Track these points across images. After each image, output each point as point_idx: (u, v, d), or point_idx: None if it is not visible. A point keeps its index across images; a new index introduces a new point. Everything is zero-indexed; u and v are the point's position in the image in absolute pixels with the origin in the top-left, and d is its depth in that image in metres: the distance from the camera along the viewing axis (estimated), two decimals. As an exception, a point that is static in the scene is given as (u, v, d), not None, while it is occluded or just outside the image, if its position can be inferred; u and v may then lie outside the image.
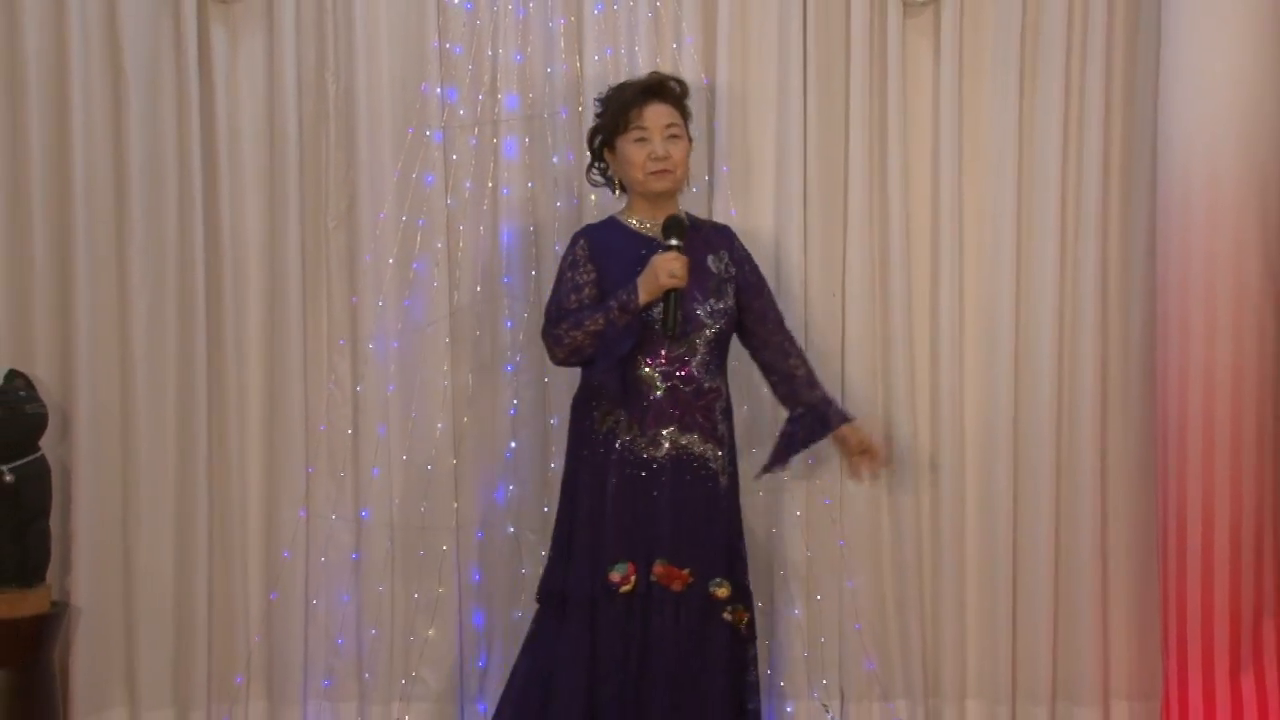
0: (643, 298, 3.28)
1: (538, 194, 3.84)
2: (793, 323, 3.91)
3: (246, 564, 3.93)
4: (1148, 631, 3.83)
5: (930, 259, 3.92)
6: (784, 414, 3.73)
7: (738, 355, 3.70)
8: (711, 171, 3.86)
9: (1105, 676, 3.91)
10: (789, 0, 3.84)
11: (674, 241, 3.30)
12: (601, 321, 3.34)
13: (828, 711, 3.94)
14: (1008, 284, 3.90)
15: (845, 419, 3.56)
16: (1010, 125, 3.87)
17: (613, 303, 3.35)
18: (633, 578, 3.37)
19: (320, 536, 3.91)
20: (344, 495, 3.90)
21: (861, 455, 3.59)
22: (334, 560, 3.91)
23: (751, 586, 3.58)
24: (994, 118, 3.90)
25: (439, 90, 3.85)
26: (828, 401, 3.59)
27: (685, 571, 3.37)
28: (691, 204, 3.90)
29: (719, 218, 3.86)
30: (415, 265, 3.89)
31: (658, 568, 3.37)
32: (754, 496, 3.87)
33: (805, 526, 3.91)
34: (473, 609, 3.91)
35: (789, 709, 3.91)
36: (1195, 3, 3.55)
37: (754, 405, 3.95)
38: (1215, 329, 3.49)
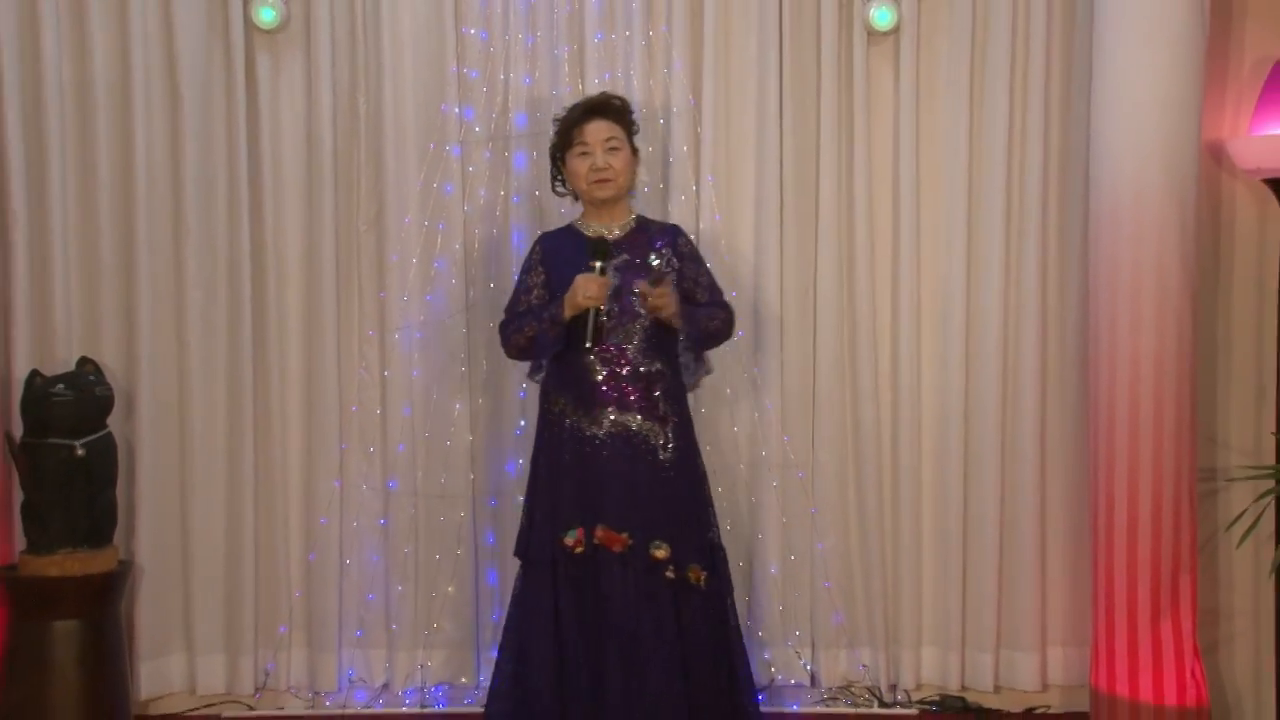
0: (566, 313, 3.41)
1: (544, 202, 3.98)
2: (770, 315, 4.09)
3: (288, 528, 4.12)
4: (1080, 586, 3.98)
5: (891, 259, 4.08)
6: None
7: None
8: (698, 180, 4.01)
9: (1043, 626, 4.08)
10: (766, 29, 3.98)
11: (597, 264, 3.42)
12: (534, 329, 3.50)
13: (800, 658, 4.11)
14: (959, 283, 4.06)
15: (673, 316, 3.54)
16: (961, 141, 4.02)
17: (544, 314, 3.49)
18: (583, 541, 3.54)
19: (353, 504, 4.10)
20: (373, 468, 4.09)
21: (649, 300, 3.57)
22: (365, 525, 4.10)
23: (725, 544, 3.66)
24: (946, 134, 4.06)
25: (457, 110, 4.01)
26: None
27: (624, 535, 3.49)
28: (680, 209, 4.07)
29: (704, 222, 4.03)
30: (436, 264, 4.05)
31: (598, 531, 3.51)
32: (737, 471, 4.07)
33: (781, 496, 4.07)
34: (487, 568, 4.10)
35: (766, 656, 4.08)
36: (1123, 38, 3.66)
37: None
38: (1140, 323, 3.66)
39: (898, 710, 4.05)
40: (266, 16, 3.88)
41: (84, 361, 3.80)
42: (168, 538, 4.07)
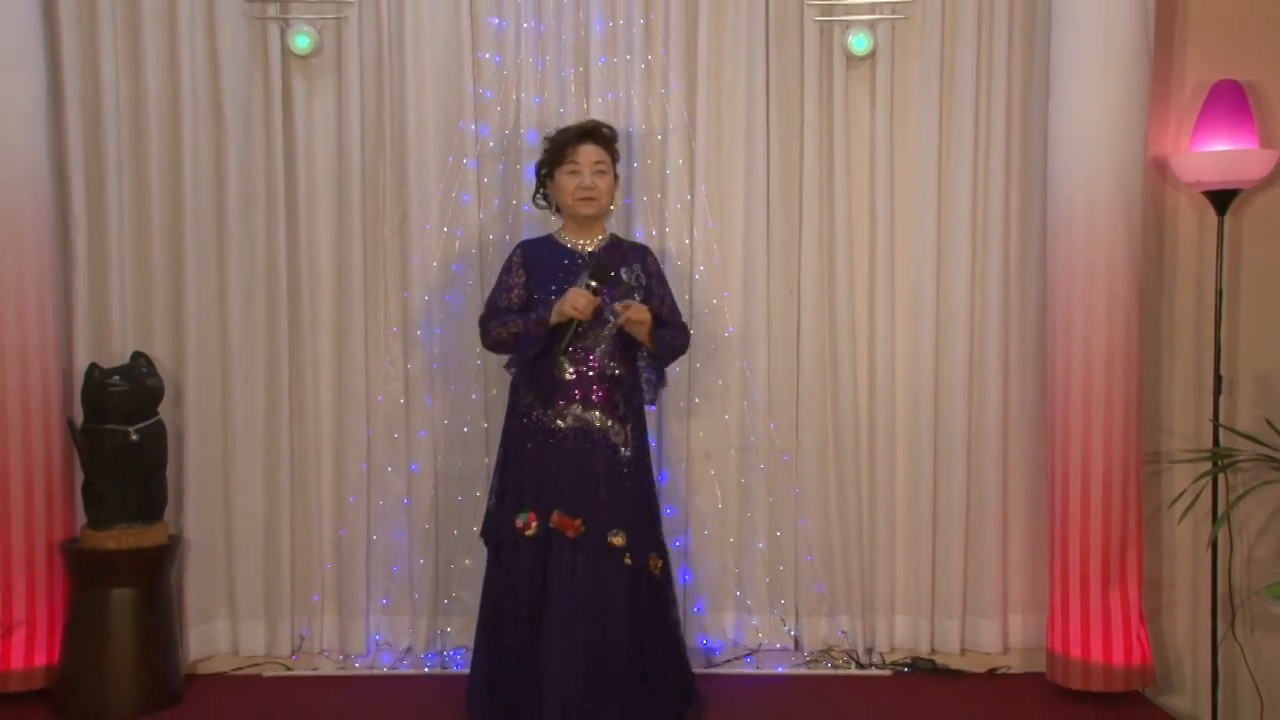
0: (552, 319, 3.49)
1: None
2: (757, 314, 4.19)
3: (321, 507, 4.23)
4: (1038, 559, 4.13)
5: (868, 262, 4.20)
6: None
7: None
8: (692, 191, 4.11)
9: (1004, 595, 4.22)
10: (754, 54, 4.10)
11: (592, 284, 3.49)
12: (519, 327, 3.56)
13: (785, 625, 4.24)
14: (929, 284, 4.18)
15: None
16: (931, 156, 4.15)
17: (532, 315, 3.56)
18: (534, 524, 3.57)
19: (379, 485, 4.22)
20: (397, 452, 4.20)
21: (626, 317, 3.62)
22: (389, 504, 4.21)
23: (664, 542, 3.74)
24: (918, 150, 4.18)
25: (473, 127, 4.13)
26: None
27: (577, 521, 3.54)
28: (676, 218, 4.19)
29: (698, 231, 4.14)
30: (454, 267, 4.16)
31: (554, 516, 3.56)
32: (727, 455, 4.17)
33: (768, 478, 4.19)
34: None
35: (754, 622, 4.21)
36: (1076, 64, 3.82)
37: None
38: (1093, 317, 3.80)
39: (873, 671, 4.15)
40: (302, 43, 4.01)
41: (137, 355, 3.93)
42: (213, 514, 4.20)
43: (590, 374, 3.62)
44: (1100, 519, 3.84)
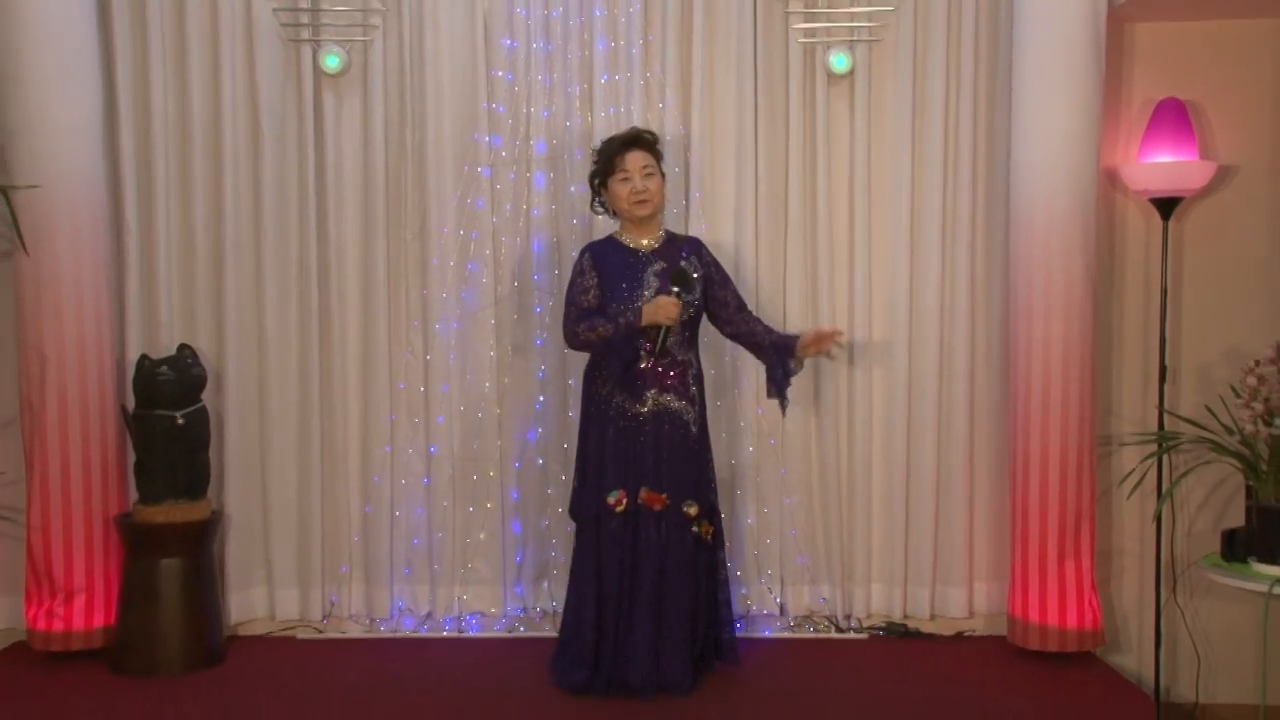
0: (643, 322, 3.63)
1: (559, 214, 4.26)
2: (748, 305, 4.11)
3: (348, 485, 4.35)
4: (1000, 532, 4.26)
5: (848, 261, 4.31)
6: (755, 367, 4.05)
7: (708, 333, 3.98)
8: (687, 196, 4.25)
9: (970, 565, 4.35)
10: (744, 72, 4.23)
11: (675, 290, 3.62)
12: (609, 330, 3.67)
13: (771, 593, 4.35)
14: (903, 282, 4.29)
15: (795, 337, 3.85)
16: (904, 165, 4.26)
17: (620, 320, 3.66)
18: (624, 500, 3.74)
19: (401, 466, 4.34)
20: (418, 436, 4.32)
21: (819, 343, 3.83)
22: (411, 483, 4.32)
23: (719, 506, 3.91)
24: (892, 159, 4.28)
25: (487, 138, 4.26)
26: (781, 335, 3.90)
27: (663, 495, 3.72)
28: (673, 220, 4.24)
29: (693, 231, 4.20)
30: (470, 267, 4.27)
31: (642, 493, 3.73)
32: (719, 437, 4.19)
33: (756, 460, 4.33)
34: (512, 519, 4.34)
35: (744, 591, 4.33)
36: (1036, 83, 3.94)
37: (720, 370, 4.26)
38: (1051, 315, 3.94)
39: (851, 635, 4.29)
40: (331, 63, 4.16)
41: (183, 347, 4.08)
42: (251, 492, 4.33)
43: (663, 362, 3.75)
44: (1057, 496, 3.98)
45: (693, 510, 3.73)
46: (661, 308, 3.62)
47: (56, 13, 3.86)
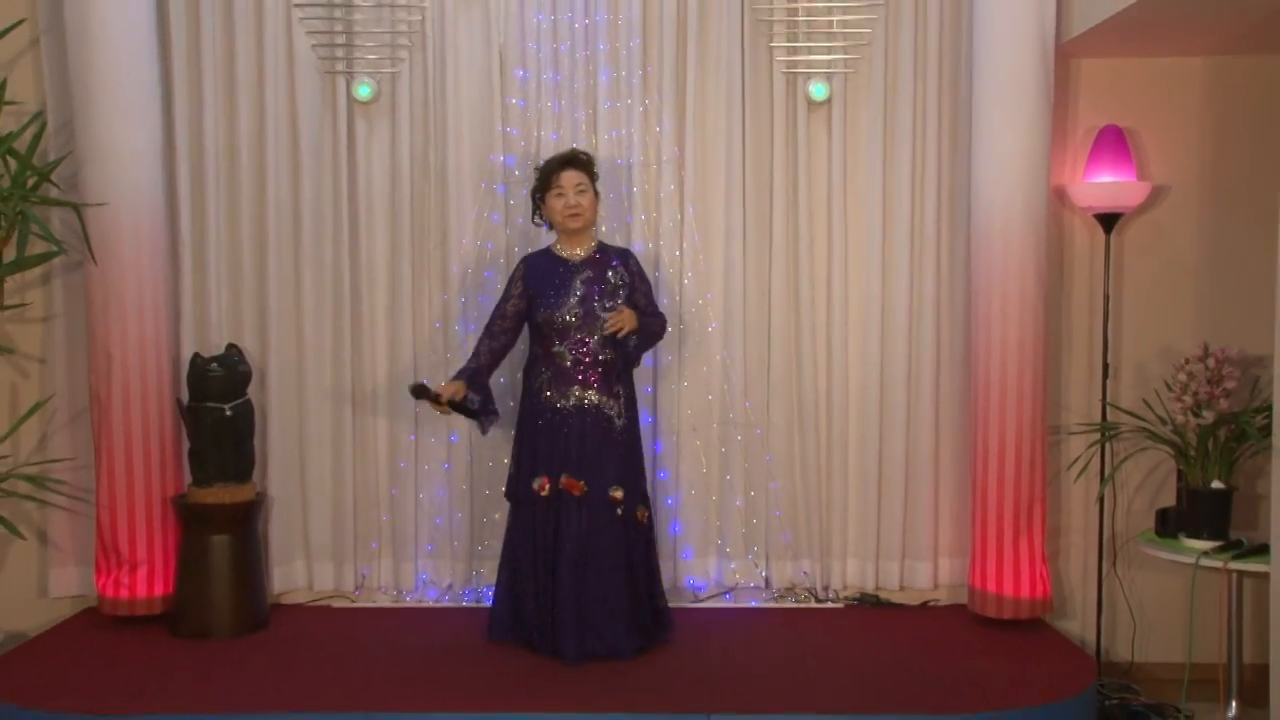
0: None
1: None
2: (735, 312, 4.41)
3: (378, 470, 4.49)
4: (962, 512, 4.42)
5: (826, 269, 4.45)
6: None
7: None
8: (682, 211, 4.39)
9: (935, 541, 4.50)
10: (733, 99, 4.38)
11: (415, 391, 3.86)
12: (463, 366, 3.96)
13: (758, 567, 4.52)
14: (876, 287, 4.43)
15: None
16: (877, 183, 4.40)
17: (463, 368, 3.94)
18: (547, 486, 3.86)
19: (424, 452, 4.49)
20: (439, 426, 4.44)
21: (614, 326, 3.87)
22: (433, 468, 4.50)
23: (651, 495, 4.05)
24: (866, 178, 4.42)
25: (502, 158, 4.40)
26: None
27: (581, 482, 3.83)
28: (668, 233, 4.40)
29: (687, 244, 4.39)
30: (486, 274, 4.42)
31: (563, 479, 3.85)
32: (710, 429, 4.43)
33: (744, 447, 4.49)
34: None
35: (732, 566, 4.48)
36: (993, 111, 4.10)
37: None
38: (1008, 318, 4.11)
39: (829, 605, 4.47)
40: (363, 92, 4.34)
41: (231, 346, 4.25)
42: (291, 476, 4.48)
43: (587, 361, 3.89)
44: (1012, 480, 4.16)
45: (618, 494, 3.84)
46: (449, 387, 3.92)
47: (122, 53, 4.07)
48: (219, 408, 4.17)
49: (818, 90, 4.40)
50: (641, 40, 4.43)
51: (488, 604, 4.37)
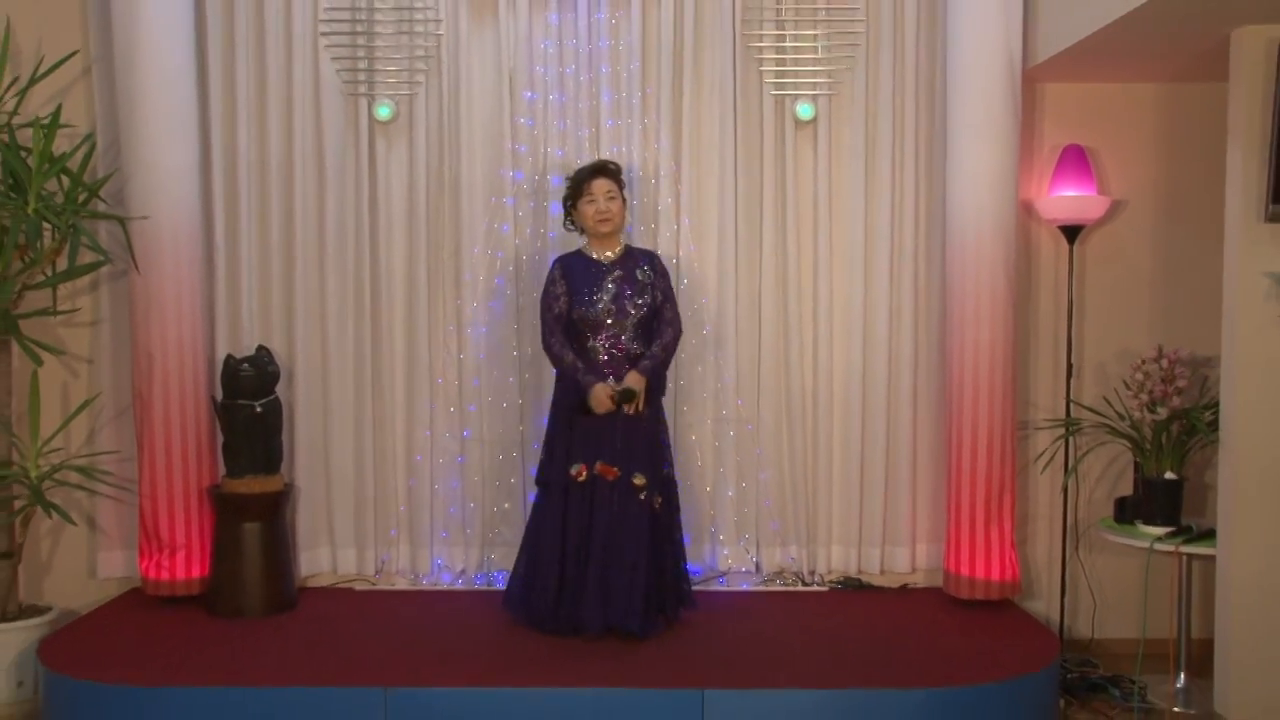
0: (586, 394, 3.89)
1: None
2: (727, 316, 4.49)
3: (396, 463, 4.60)
4: (938, 501, 4.52)
5: (812, 276, 4.55)
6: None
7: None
8: (678, 221, 4.50)
9: (913, 528, 4.61)
10: (725, 118, 4.49)
11: (617, 394, 3.86)
12: (569, 371, 3.97)
13: (749, 553, 4.61)
14: (859, 293, 4.54)
15: (632, 370, 3.95)
16: (859, 196, 4.51)
17: (578, 376, 3.93)
18: (585, 472, 3.96)
19: (439, 447, 4.59)
20: (453, 422, 4.58)
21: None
22: (447, 461, 4.60)
23: (678, 479, 4.12)
24: (849, 192, 4.53)
25: (511, 173, 4.52)
26: (642, 359, 4.00)
27: (615, 469, 3.94)
28: (666, 240, 4.50)
29: (683, 252, 4.50)
30: (497, 280, 4.54)
31: (599, 466, 3.95)
32: (705, 424, 4.51)
33: (736, 442, 4.58)
34: (531, 491, 4.39)
35: (725, 552, 4.60)
36: (965, 130, 4.22)
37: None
38: (980, 321, 4.22)
39: (815, 587, 4.57)
40: (383, 113, 4.47)
41: (261, 348, 4.37)
42: (316, 468, 4.59)
43: (619, 355, 4.00)
44: (985, 471, 4.27)
45: (640, 481, 3.93)
46: (597, 399, 3.93)
47: (164, 79, 4.25)
48: (250, 405, 4.30)
49: (804, 110, 4.52)
50: (641, 64, 4.56)
51: (499, 587, 4.53)
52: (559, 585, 3.97)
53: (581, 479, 3.95)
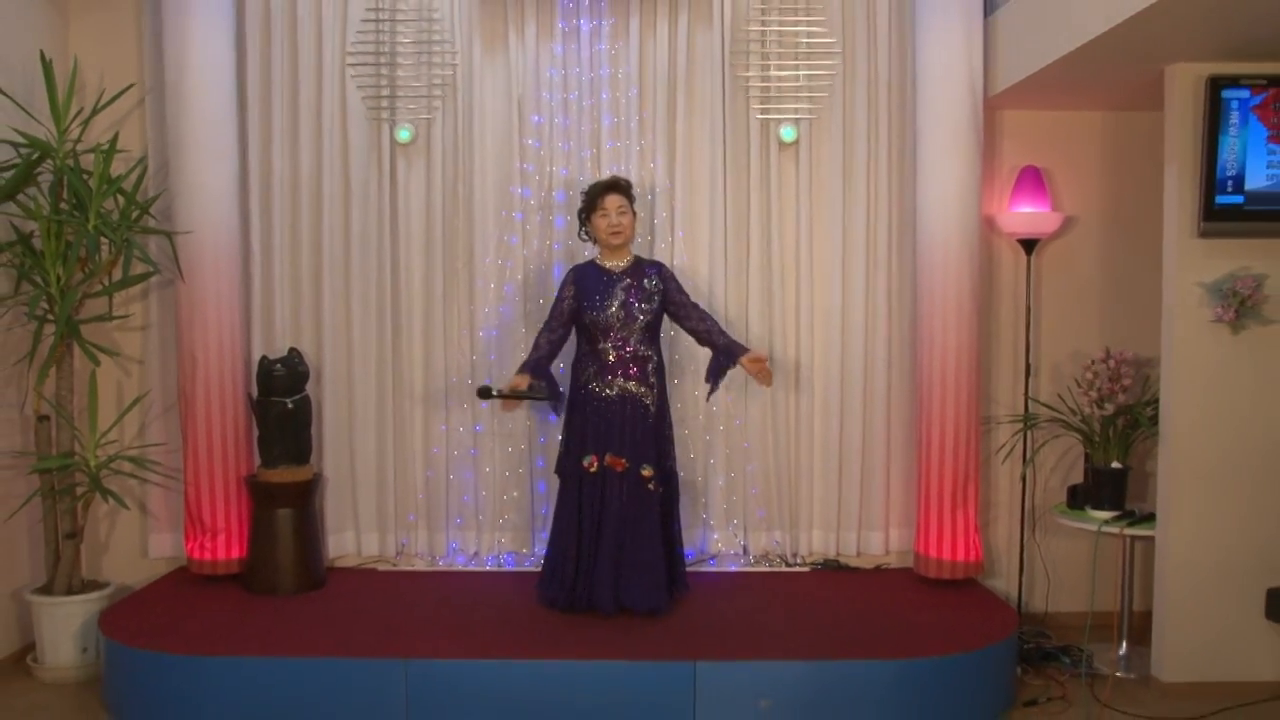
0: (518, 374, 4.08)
1: (573, 248, 4.69)
2: (715, 316, 4.51)
3: (414, 454, 4.84)
4: (909, 489, 4.77)
5: (794, 284, 4.77)
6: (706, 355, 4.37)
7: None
8: (672, 234, 4.73)
9: (887, 514, 4.85)
10: (715, 140, 4.73)
11: (510, 393, 4.03)
12: (532, 349, 4.16)
13: (737, 537, 4.86)
14: (837, 301, 4.77)
15: (744, 350, 4.19)
16: (837, 212, 4.76)
17: (529, 359, 4.12)
18: (596, 463, 4.12)
19: (454, 440, 4.82)
20: (466, 416, 4.82)
21: (756, 373, 4.18)
22: (461, 454, 4.83)
23: (680, 471, 4.32)
24: (828, 208, 4.77)
25: (520, 190, 4.78)
26: (732, 341, 4.23)
27: (623, 460, 4.11)
28: (661, 252, 4.70)
29: (676, 263, 4.68)
30: (506, 288, 4.79)
31: (608, 458, 4.12)
32: (696, 419, 4.73)
33: (724, 435, 4.81)
34: (538, 481, 4.82)
35: (715, 536, 4.84)
36: (934, 152, 4.45)
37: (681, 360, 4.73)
38: (947, 325, 4.45)
39: (797, 569, 4.80)
40: (404, 136, 4.71)
41: (292, 350, 4.61)
42: (342, 460, 4.83)
43: (627, 356, 4.15)
44: (951, 461, 4.50)
45: (647, 473, 4.11)
46: (512, 380, 4.18)
47: (208, 107, 4.53)
48: (282, 401, 4.56)
49: (787, 133, 4.77)
50: (639, 91, 4.81)
51: (509, 568, 4.79)
52: (575, 568, 4.14)
53: (593, 469, 4.12)
